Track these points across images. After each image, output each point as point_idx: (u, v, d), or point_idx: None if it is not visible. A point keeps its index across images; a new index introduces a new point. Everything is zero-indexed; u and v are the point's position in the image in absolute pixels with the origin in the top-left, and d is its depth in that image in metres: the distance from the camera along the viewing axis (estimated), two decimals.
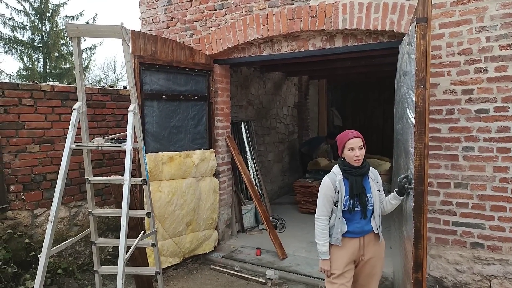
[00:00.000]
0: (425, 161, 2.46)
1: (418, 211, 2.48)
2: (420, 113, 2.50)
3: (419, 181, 2.49)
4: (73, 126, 2.62)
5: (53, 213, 2.44)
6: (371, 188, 2.58)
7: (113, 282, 4.06)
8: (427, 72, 2.48)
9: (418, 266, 2.48)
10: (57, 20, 18.29)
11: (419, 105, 2.52)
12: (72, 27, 2.54)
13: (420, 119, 2.51)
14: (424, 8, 2.54)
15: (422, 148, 2.47)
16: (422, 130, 2.51)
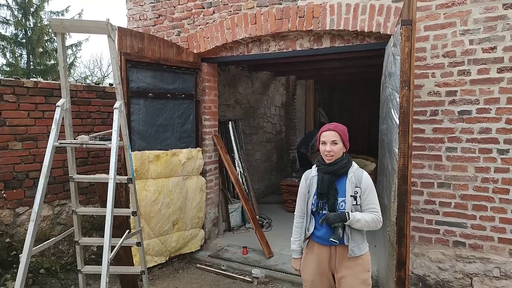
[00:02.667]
0: (408, 161, 2.50)
1: (402, 210, 2.53)
2: (404, 113, 2.54)
3: (402, 181, 2.52)
4: (56, 123, 2.57)
5: (35, 211, 2.39)
6: (345, 192, 2.27)
7: (97, 282, 4.00)
8: (411, 74, 2.52)
9: (401, 264, 2.53)
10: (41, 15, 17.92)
11: (403, 106, 2.56)
12: (56, 22, 2.49)
13: (404, 120, 2.54)
14: (409, 10, 2.58)
15: (406, 148, 2.52)
16: (406, 131, 2.54)
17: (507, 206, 3.13)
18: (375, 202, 2.28)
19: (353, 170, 2.31)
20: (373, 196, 2.28)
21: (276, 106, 8.23)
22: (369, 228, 2.26)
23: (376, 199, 2.29)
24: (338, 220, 2.20)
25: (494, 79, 3.11)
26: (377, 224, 2.26)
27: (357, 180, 2.28)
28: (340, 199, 2.28)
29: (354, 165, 2.35)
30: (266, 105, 7.78)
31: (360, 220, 2.21)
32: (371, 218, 2.24)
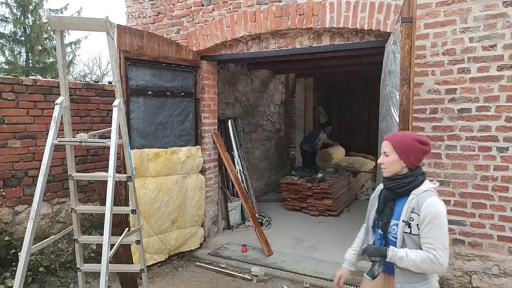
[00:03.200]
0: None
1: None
2: (404, 111, 2.55)
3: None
4: (55, 121, 2.56)
5: (34, 210, 2.39)
6: (400, 215, 1.91)
7: (96, 280, 4.00)
8: (411, 71, 2.52)
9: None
10: (40, 13, 17.90)
11: (403, 104, 2.56)
12: (55, 19, 2.48)
13: (404, 118, 2.55)
14: (409, 8, 2.58)
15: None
16: (406, 128, 2.55)
17: (506, 204, 3.13)
18: (435, 238, 1.78)
19: (418, 192, 1.88)
20: (435, 229, 1.79)
21: (276, 104, 8.22)
22: (419, 270, 1.83)
23: (439, 234, 1.79)
24: (376, 255, 1.90)
25: (494, 77, 3.10)
26: (432, 266, 1.77)
27: (416, 205, 1.86)
28: (393, 222, 1.95)
29: (424, 186, 1.90)
30: (265, 103, 7.78)
31: (404, 258, 1.83)
32: (422, 258, 1.79)
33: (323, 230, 5.41)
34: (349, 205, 6.72)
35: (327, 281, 3.86)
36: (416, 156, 1.93)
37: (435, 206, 1.81)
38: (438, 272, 1.84)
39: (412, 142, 1.92)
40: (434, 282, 1.92)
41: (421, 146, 1.92)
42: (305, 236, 5.17)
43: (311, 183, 6.14)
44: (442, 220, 1.80)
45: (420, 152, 1.93)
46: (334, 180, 6.36)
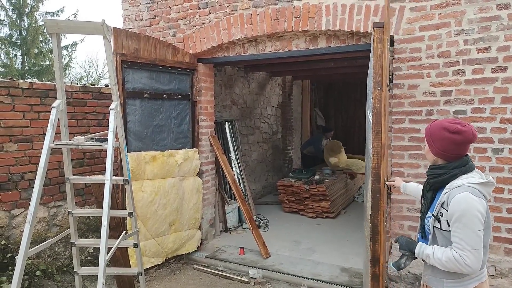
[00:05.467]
0: (381, 160, 2.54)
1: (375, 208, 2.58)
2: (377, 113, 2.61)
3: (376, 179, 2.58)
4: (52, 124, 2.55)
5: (31, 213, 2.38)
6: (434, 208, 1.85)
7: (93, 283, 3.99)
8: (384, 75, 2.56)
9: (375, 260, 2.58)
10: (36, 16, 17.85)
11: (376, 106, 2.63)
12: (51, 22, 2.48)
13: (378, 120, 2.60)
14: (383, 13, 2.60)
15: (379, 148, 2.59)
16: (379, 130, 2.61)
17: (502, 205, 3.15)
18: (462, 237, 1.70)
19: (451, 186, 1.78)
20: (461, 229, 1.70)
21: (273, 106, 8.24)
22: (445, 269, 1.77)
23: (467, 233, 1.69)
24: (405, 248, 1.90)
25: (488, 79, 3.13)
26: (459, 266, 1.70)
27: (447, 200, 1.77)
28: (429, 214, 1.89)
29: (459, 181, 1.78)
30: (262, 105, 7.79)
31: (430, 256, 1.79)
32: (447, 257, 1.72)
33: (320, 232, 5.41)
34: (346, 207, 6.74)
35: (325, 283, 3.86)
36: (442, 145, 1.82)
37: (464, 204, 1.70)
38: (466, 273, 1.75)
39: (439, 131, 1.82)
40: (470, 283, 1.80)
41: (448, 134, 1.79)
42: (302, 238, 5.17)
43: (309, 185, 6.15)
44: (472, 218, 1.69)
45: (447, 141, 1.80)
46: (331, 182, 6.38)
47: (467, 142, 1.80)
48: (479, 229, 1.70)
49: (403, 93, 3.44)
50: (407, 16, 3.37)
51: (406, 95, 3.43)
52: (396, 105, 3.47)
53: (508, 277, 3.13)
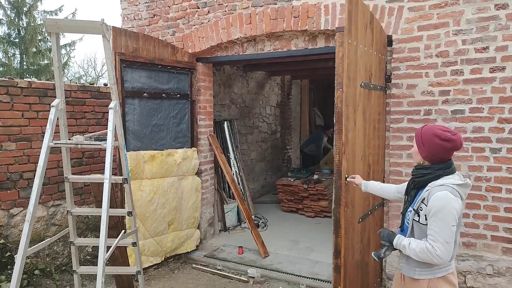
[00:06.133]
0: (342, 157, 2.72)
1: (338, 203, 2.76)
2: (339, 113, 2.76)
3: (338, 176, 2.75)
4: (51, 123, 2.56)
5: (30, 212, 2.38)
6: (415, 203, 2.03)
7: (92, 282, 3.99)
8: (344, 77, 2.72)
9: (337, 252, 2.77)
10: (34, 15, 17.80)
11: (338, 106, 2.78)
12: (50, 22, 2.48)
13: (339, 119, 2.76)
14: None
15: (341, 146, 2.74)
16: (340, 129, 2.76)
17: (499, 204, 3.16)
18: (436, 230, 1.86)
19: (433, 185, 1.95)
20: (437, 222, 1.86)
21: (271, 105, 8.24)
22: (419, 259, 1.93)
23: (441, 227, 1.85)
24: (386, 240, 2.08)
25: (486, 79, 3.14)
26: (430, 256, 1.86)
27: (427, 196, 1.94)
28: (410, 208, 2.07)
29: (441, 181, 1.94)
30: (261, 104, 7.79)
31: (406, 247, 1.96)
32: (421, 248, 1.89)
33: (319, 232, 5.43)
34: None
35: (323, 282, 3.87)
36: (432, 150, 1.96)
37: (443, 201, 1.86)
38: (436, 263, 1.90)
39: (430, 137, 1.96)
40: (439, 272, 1.97)
41: (439, 141, 1.93)
42: (301, 238, 5.19)
43: (307, 184, 6.16)
44: (448, 214, 1.85)
45: (437, 147, 1.95)
46: (330, 181, 6.38)
47: (455, 149, 1.97)
48: (453, 225, 1.86)
49: (401, 92, 3.45)
50: (406, 16, 3.37)
51: (404, 94, 3.44)
52: (395, 105, 3.48)
53: (505, 276, 3.14)
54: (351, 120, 2.83)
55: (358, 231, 3.06)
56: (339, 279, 2.78)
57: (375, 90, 3.26)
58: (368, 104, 3.13)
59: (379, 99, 3.38)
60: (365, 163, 3.14)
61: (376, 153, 3.40)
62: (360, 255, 3.10)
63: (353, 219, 2.95)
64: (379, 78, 3.36)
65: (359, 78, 2.94)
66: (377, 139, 3.40)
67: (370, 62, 3.12)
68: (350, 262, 2.90)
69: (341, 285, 2.79)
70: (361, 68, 2.96)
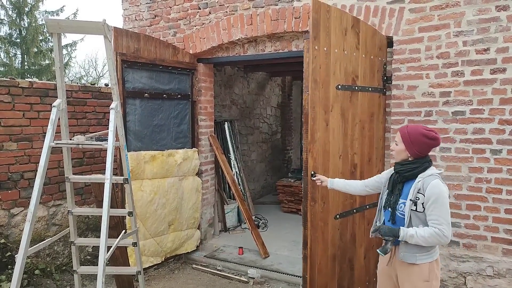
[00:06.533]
0: (309, 155, 2.95)
1: (305, 198, 2.99)
2: (306, 115, 2.95)
3: (305, 173, 2.97)
4: (52, 123, 2.56)
5: (31, 212, 2.39)
6: (408, 195, 2.19)
7: (92, 282, 3.99)
8: (310, 80, 2.93)
9: (305, 244, 3.04)
10: (36, 15, 17.82)
11: (305, 108, 2.98)
12: (52, 22, 2.49)
13: (306, 120, 2.95)
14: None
15: (308, 144, 2.95)
16: (307, 129, 2.96)
17: (500, 206, 3.16)
18: (439, 215, 2.07)
19: (424, 175, 2.16)
20: (439, 208, 2.07)
21: (272, 106, 8.25)
22: (428, 244, 2.10)
23: (443, 211, 2.08)
24: (389, 235, 2.15)
25: (487, 80, 3.14)
26: (439, 239, 2.06)
27: (422, 186, 2.13)
28: (401, 201, 2.23)
29: (429, 171, 2.18)
30: (262, 105, 7.80)
31: (414, 236, 2.09)
32: (429, 233, 2.06)
33: None
34: None
35: None
36: (420, 148, 2.19)
37: (439, 187, 2.09)
38: (444, 243, 2.11)
39: (418, 136, 2.18)
40: (434, 253, 2.20)
41: (426, 140, 2.17)
42: (301, 238, 5.16)
43: None
44: (445, 199, 2.09)
45: (425, 146, 2.19)
46: None
47: (436, 146, 2.25)
48: (448, 207, 2.11)
49: (402, 93, 3.45)
50: (407, 17, 3.38)
51: (405, 95, 3.44)
52: (396, 106, 3.48)
53: (505, 277, 3.14)
54: (320, 120, 3.01)
55: (336, 227, 3.22)
56: (306, 268, 3.04)
57: (363, 92, 3.35)
58: (350, 106, 3.25)
59: (372, 100, 3.45)
60: (346, 163, 3.25)
61: (367, 153, 3.45)
62: (339, 250, 3.25)
63: (325, 214, 3.13)
64: (371, 80, 3.43)
65: (334, 81, 3.10)
66: (368, 140, 3.45)
67: (354, 65, 3.25)
68: (320, 254, 3.11)
69: (308, 274, 3.03)
70: (337, 71, 3.12)
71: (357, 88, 3.28)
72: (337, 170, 3.17)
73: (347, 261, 3.36)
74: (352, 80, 3.25)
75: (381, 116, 3.58)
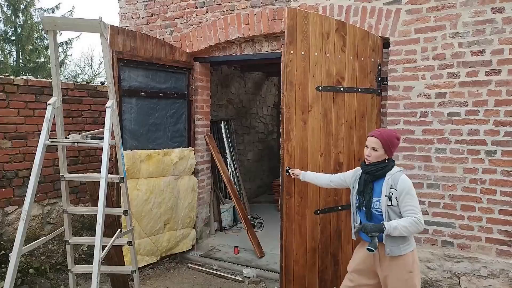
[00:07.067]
0: (284, 152, 3.19)
1: (282, 191, 3.26)
2: (283, 114, 3.17)
3: (282, 168, 3.20)
4: (47, 121, 2.55)
5: (25, 210, 2.37)
6: (381, 192, 2.37)
7: (87, 281, 3.98)
8: (285, 82, 3.14)
9: (281, 234, 3.26)
10: (31, 12, 17.71)
11: (282, 108, 3.18)
12: (48, 20, 2.48)
13: (283, 119, 3.15)
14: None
15: (283, 142, 3.17)
16: (283, 128, 3.14)
17: (494, 207, 3.18)
18: (413, 204, 2.29)
19: (392, 173, 2.38)
20: (411, 199, 2.30)
21: (269, 106, 8.25)
22: (409, 233, 2.28)
23: (414, 201, 2.31)
24: (375, 230, 2.27)
25: (482, 82, 3.16)
26: (418, 226, 2.26)
27: (393, 182, 2.34)
28: (375, 199, 2.40)
29: (395, 169, 2.41)
30: (258, 105, 7.80)
31: (397, 227, 2.24)
32: (409, 222, 2.25)
33: None
34: None
35: None
36: (395, 149, 2.48)
37: (408, 181, 2.35)
38: (420, 231, 2.32)
39: (393, 140, 2.43)
40: (413, 242, 2.43)
41: (397, 142, 2.48)
42: None
43: None
44: (413, 191, 2.34)
45: (397, 146, 2.49)
46: None
47: None
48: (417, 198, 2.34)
49: (398, 94, 3.46)
50: (403, 18, 3.39)
51: (401, 96, 3.45)
52: (391, 107, 3.50)
53: (499, 278, 3.16)
54: (296, 120, 3.18)
55: (316, 222, 3.36)
56: (282, 258, 3.27)
57: (351, 93, 3.43)
58: (334, 106, 3.36)
59: (362, 101, 3.51)
60: (328, 160, 3.37)
61: (356, 152, 3.51)
62: (320, 244, 3.39)
63: (303, 209, 3.29)
64: (361, 81, 3.49)
65: (314, 83, 3.24)
66: (357, 139, 3.50)
67: (339, 67, 3.35)
68: (297, 246, 3.28)
69: (283, 263, 3.26)
70: (317, 73, 3.24)
71: (343, 89, 3.38)
72: (318, 167, 3.30)
73: (330, 256, 3.46)
74: (337, 82, 3.36)
75: (375, 117, 3.59)
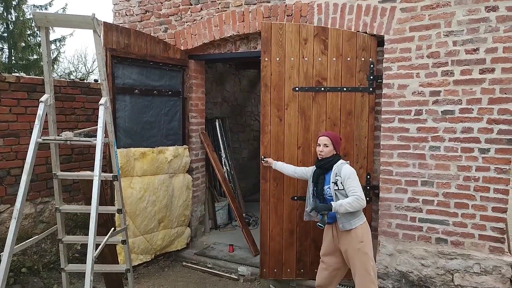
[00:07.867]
0: (261, 144, 3.70)
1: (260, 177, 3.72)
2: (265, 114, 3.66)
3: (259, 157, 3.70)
4: (40, 119, 2.52)
5: (17, 209, 2.34)
6: (330, 181, 2.95)
7: (80, 280, 3.95)
8: (261, 85, 3.65)
9: (260, 213, 3.79)
10: (24, 9, 17.48)
11: (264, 108, 3.63)
12: (40, 16, 2.44)
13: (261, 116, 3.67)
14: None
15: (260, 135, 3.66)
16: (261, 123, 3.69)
17: (487, 204, 3.20)
18: (354, 185, 2.82)
19: (337, 164, 2.96)
20: (353, 181, 2.83)
21: None
22: (354, 209, 2.78)
23: (355, 183, 2.83)
24: (324, 209, 2.81)
25: (476, 80, 3.18)
26: (359, 201, 2.76)
27: (338, 171, 2.92)
28: (326, 186, 2.99)
29: (340, 162, 2.98)
30: (253, 103, 7.78)
31: (342, 204, 2.77)
32: (352, 199, 2.77)
33: None
34: None
35: (313, 280, 3.88)
36: (339, 146, 3.11)
37: (349, 168, 2.92)
38: (363, 206, 2.80)
39: (338, 139, 3.10)
40: (362, 217, 2.93)
41: (340, 140, 3.16)
42: None
43: None
44: (355, 175, 2.88)
45: (340, 144, 3.17)
46: None
47: None
48: (359, 181, 2.88)
49: (392, 92, 3.47)
50: (398, 17, 3.40)
51: (396, 94, 3.46)
52: (386, 105, 3.51)
53: (492, 274, 3.19)
54: (272, 117, 3.67)
55: (294, 207, 3.75)
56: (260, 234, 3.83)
57: (334, 92, 3.63)
58: (314, 105, 3.65)
59: (349, 99, 3.64)
60: (307, 154, 3.70)
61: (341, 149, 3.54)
62: (297, 227, 3.77)
63: (279, 193, 3.75)
64: (348, 81, 3.61)
65: (291, 84, 3.64)
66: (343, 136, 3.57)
67: (319, 69, 3.63)
68: (272, 225, 3.77)
69: (261, 239, 3.80)
70: (294, 76, 3.63)
71: (324, 89, 3.63)
72: (296, 159, 3.69)
73: (310, 240, 3.78)
74: (317, 82, 3.64)
75: (366, 115, 3.60)
